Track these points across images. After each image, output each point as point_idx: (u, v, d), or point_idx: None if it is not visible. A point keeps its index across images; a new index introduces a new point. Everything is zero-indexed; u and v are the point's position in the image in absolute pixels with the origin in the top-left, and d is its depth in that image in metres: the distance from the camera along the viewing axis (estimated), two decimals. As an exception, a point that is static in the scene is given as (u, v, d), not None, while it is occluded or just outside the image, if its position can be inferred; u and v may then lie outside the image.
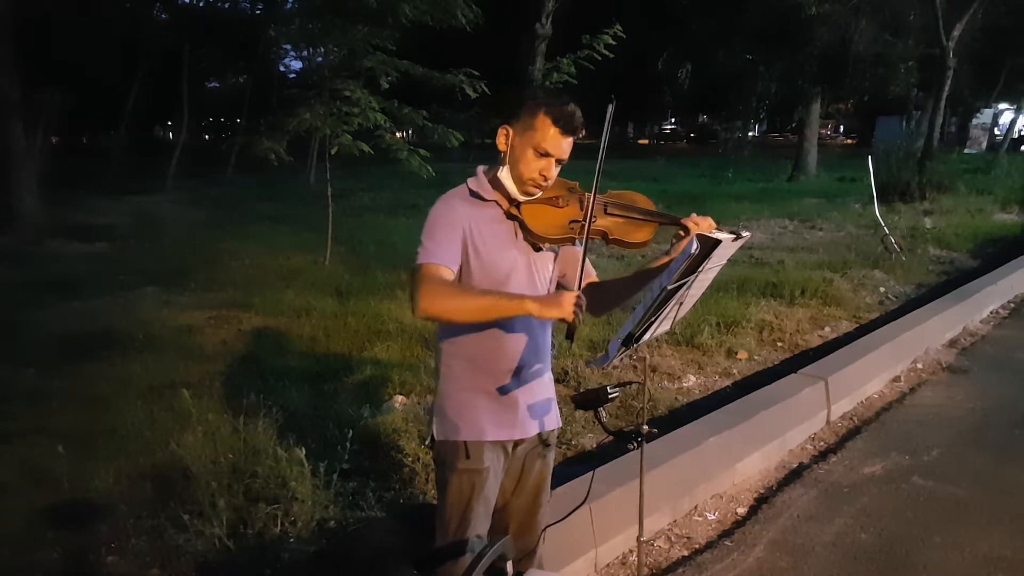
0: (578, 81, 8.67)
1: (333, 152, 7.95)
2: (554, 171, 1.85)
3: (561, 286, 2.04)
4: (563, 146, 1.82)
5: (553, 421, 2.06)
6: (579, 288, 1.79)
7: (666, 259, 1.93)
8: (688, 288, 1.83)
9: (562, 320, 1.66)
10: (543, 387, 2.01)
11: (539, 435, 2.02)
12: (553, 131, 1.80)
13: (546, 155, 1.81)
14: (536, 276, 1.94)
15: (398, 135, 8.79)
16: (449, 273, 1.78)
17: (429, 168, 7.96)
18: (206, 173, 19.65)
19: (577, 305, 1.64)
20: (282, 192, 15.53)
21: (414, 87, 8.51)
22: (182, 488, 3.02)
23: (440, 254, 1.79)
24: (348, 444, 3.32)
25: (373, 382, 4.45)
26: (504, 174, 1.86)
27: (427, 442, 2.01)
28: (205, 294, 6.74)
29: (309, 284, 7.04)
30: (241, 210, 13.04)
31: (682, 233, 1.88)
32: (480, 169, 1.94)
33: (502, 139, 1.86)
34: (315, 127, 8.04)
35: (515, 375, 1.92)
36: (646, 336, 1.90)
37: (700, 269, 1.76)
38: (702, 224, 1.86)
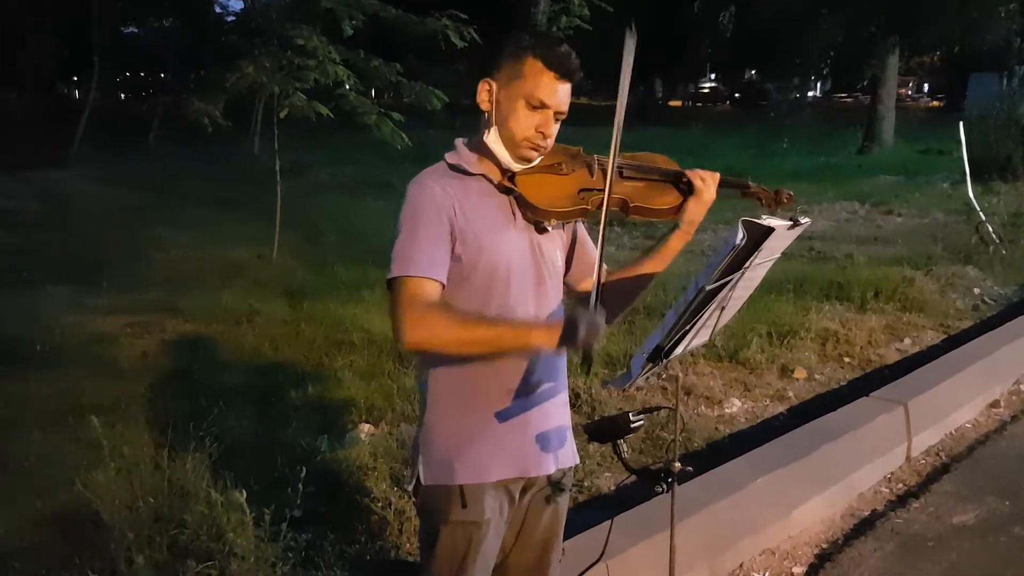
0: (592, 27, 8.70)
1: (283, 116, 7.95)
2: (554, 127, 1.82)
3: (566, 285, 2.03)
4: (560, 94, 1.80)
5: (569, 457, 2.03)
6: (597, 279, 1.76)
7: (662, 248, 1.96)
8: (732, 288, 1.83)
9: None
10: (557, 412, 1.97)
11: (549, 476, 1.98)
12: (547, 76, 1.77)
13: (541, 106, 1.78)
14: (543, 264, 1.92)
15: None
16: (436, 289, 1.75)
17: (404, 137, 7.96)
18: (123, 141, 19.66)
19: (592, 330, 1.61)
20: (219, 167, 15.55)
21: (386, 35, 8.52)
22: (92, 538, 3.01)
23: (424, 263, 1.74)
24: (301, 485, 3.30)
25: (332, 406, 4.44)
26: (492, 138, 1.83)
27: (409, 487, 1.96)
28: (122, 295, 6.74)
29: (252, 282, 7.05)
30: (167, 189, 13.04)
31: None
32: (459, 141, 1.92)
33: (484, 96, 1.84)
34: (260, 84, 8.05)
35: (521, 396, 1.87)
36: (678, 350, 1.90)
37: (747, 265, 1.77)
38: (708, 180, 1.92)
